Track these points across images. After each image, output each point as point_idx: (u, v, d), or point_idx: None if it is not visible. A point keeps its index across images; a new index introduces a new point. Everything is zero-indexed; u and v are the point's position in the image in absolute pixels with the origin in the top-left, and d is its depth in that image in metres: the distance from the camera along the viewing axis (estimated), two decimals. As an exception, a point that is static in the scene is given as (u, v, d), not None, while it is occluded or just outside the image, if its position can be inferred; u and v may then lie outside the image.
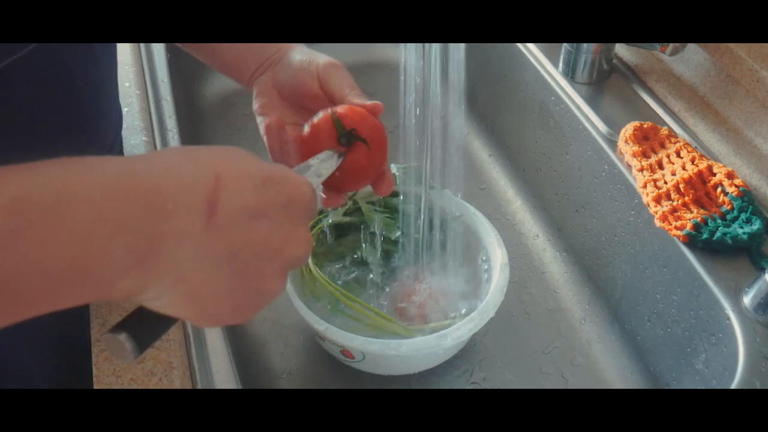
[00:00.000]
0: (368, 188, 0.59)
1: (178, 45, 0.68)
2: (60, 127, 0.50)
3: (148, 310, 0.36)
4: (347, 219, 0.74)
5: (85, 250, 0.31)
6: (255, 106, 0.60)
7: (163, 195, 0.33)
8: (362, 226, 0.75)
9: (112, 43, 0.56)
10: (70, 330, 0.58)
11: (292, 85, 0.58)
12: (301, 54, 0.59)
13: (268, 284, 0.37)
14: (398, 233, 0.75)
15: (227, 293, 0.36)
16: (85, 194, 0.31)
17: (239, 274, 0.35)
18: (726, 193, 0.66)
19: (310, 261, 0.70)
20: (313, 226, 0.74)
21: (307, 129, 0.55)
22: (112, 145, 0.60)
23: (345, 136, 0.53)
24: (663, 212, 0.67)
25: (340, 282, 0.73)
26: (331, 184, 0.56)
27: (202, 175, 0.34)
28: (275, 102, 0.59)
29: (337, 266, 0.75)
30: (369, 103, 0.55)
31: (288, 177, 0.38)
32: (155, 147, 0.73)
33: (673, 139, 0.73)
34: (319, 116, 0.55)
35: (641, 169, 0.70)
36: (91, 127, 0.55)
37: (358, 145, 0.54)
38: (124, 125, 0.72)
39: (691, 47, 0.75)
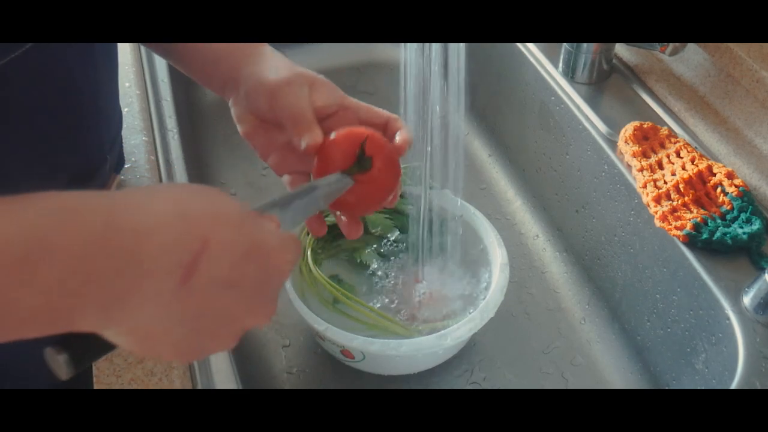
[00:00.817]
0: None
1: (159, 54, 0.65)
2: (59, 126, 0.50)
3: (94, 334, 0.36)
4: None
5: (52, 301, 0.31)
6: (239, 130, 0.56)
7: (144, 254, 0.33)
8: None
9: (111, 44, 0.56)
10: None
11: (254, 109, 0.54)
12: (255, 71, 0.54)
13: (219, 344, 0.38)
14: (396, 233, 0.75)
15: (177, 344, 0.36)
16: (64, 245, 0.31)
17: (194, 331, 0.36)
18: (726, 193, 0.66)
19: (309, 261, 0.70)
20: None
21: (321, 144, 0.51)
22: (113, 144, 0.60)
23: (360, 161, 0.51)
24: (663, 212, 0.67)
25: (340, 281, 0.73)
26: (345, 209, 0.53)
27: (189, 239, 0.34)
28: (257, 126, 0.55)
29: (337, 266, 0.75)
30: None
31: (272, 251, 0.38)
32: (155, 147, 0.73)
33: (673, 139, 0.73)
34: (337, 133, 0.51)
35: (641, 169, 0.70)
36: (91, 127, 0.55)
37: (373, 170, 0.51)
38: (124, 125, 0.72)
39: (691, 47, 0.75)
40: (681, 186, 0.67)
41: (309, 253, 0.71)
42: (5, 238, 0.30)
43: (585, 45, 0.80)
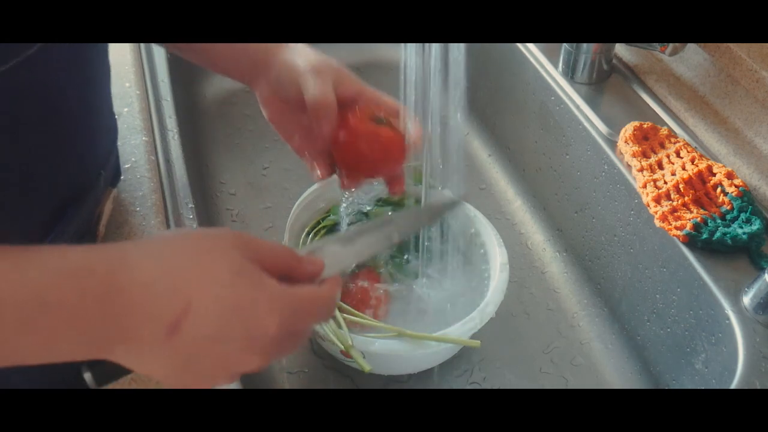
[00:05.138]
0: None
1: (173, 50, 0.67)
2: (50, 146, 0.48)
3: None
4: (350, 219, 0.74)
5: (51, 347, 0.35)
6: (264, 114, 0.61)
7: (133, 311, 0.36)
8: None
9: (103, 57, 0.55)
10: None
11: (281, 93, 0.58)
12: (286, 58, 0.58)
13: (215, 382, 0.41)
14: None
15: (176, 380, 0.39)
16: (61, 303, 0.35)
17: (188, 373, 0.39)
18: (726, 193, 0.66)
19: None
20: (316, 225, 0.74)
21: (343, 136, 0.57)
22: (107, 159, 0.59)
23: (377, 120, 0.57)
24: (663, 212, 0.67)
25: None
26: (356, 166, 0.58)
27: (173, 299, 0.37)
28: (281, 109, 0.60)
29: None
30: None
31: (257, 311, 0.39)
32: (155, 147, 0.73)
33: (672, 139, 0.73)
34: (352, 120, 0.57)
35: (641, 169, 0.70)
36: (83, 145, 0.53)
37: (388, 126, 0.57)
38: (124, 125, 0.72)
39: (691, 47, 0.75)
40: (681, 186, 0.67)
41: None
42: (7, 297, 0.34)
43: (585, 45, 0.80)
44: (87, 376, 0.41)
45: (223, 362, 0.39)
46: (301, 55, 0.58)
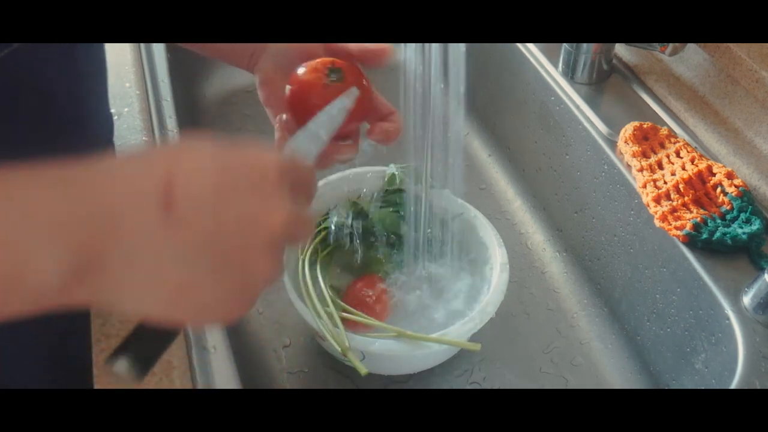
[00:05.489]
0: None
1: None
2: (40, 140, 0.48)
3: (146, 327, 0.34)
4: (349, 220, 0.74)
5: (15, 257, 0.28)
6: (260, 96, 0.59)
7: (109, 198, 0.30)
8: (362, 229, 0.75)
9: (98, 51, 0.55)
10: (68, 336, 0.58)
11: (292, 54, 0.56)
12: None
13: (255, 267, 0.33)
14: (404, 228, 0.74)
15: (213, 286, 0.32)
16: (21, 195, 0.29)
17: (220, 263, 0.32)
18: (726, 193, 0.67)
19: (307, 271, 0.69)
20: (317, 225, 0.74)
21: (295, 91, 0.54)
22: (105, 150, 0.59)
23: (334, 72, 0.53)
24: (663, 212, 0.67)
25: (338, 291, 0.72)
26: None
27: (151, 173, 0.31)
28: (280, 90, 0.58)
29: (337, 269, 0.75)
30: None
31: (247, 152, 0.34)
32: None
33: (672, 139, 0.73)
34: (303, 70, 0.53)
35: (641, 169, 0.70)
36: (76, 141, 0.53)
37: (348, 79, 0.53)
38: (124, 125, 0.72)
39: (691, 47, 0.75)
40: (681, 186, 0.68)
41: (307, 259, 0.71)
42: None
43: (585, 45, 0.80)
44: (121, 365, 0.33)
45: (244, 227, 0.32)
46: None
